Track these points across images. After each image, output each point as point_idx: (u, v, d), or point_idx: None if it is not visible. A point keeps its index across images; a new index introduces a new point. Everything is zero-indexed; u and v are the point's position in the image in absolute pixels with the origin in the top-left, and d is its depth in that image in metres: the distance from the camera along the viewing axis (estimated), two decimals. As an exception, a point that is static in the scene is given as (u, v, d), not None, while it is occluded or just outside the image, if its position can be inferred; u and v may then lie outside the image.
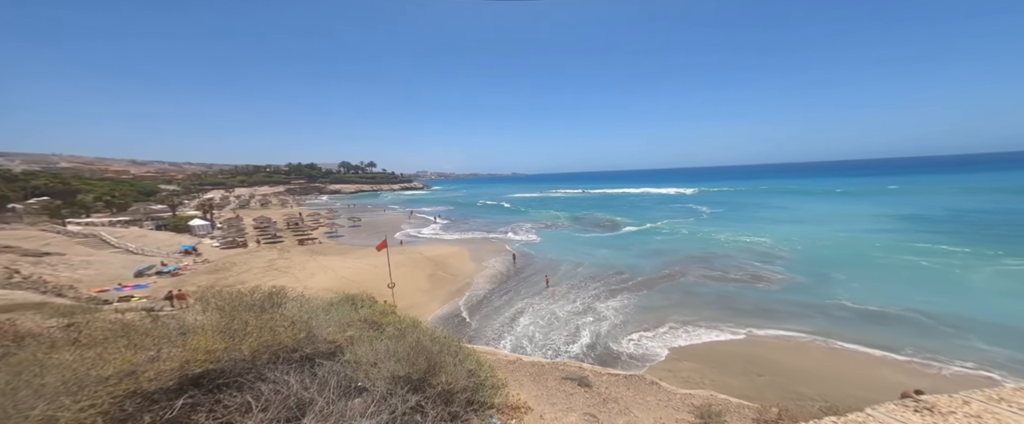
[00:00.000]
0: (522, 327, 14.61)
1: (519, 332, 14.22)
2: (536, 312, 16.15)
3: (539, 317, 15.54)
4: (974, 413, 1.26)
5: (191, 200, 79.26)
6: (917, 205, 43.14)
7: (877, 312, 14.63)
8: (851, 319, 14.22)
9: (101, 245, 31.11)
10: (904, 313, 14.37)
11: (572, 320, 14.89)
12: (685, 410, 6.16)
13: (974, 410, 1.28)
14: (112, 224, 43.65)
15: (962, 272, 18.56)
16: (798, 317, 14.46)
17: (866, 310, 14.88)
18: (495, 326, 14.95)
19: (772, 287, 18.26)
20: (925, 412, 1.29)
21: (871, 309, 14.93)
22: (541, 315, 15.75)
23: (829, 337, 12.63)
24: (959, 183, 67.29)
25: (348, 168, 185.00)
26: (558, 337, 13.49)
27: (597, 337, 13.26)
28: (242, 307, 5.07)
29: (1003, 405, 1.28)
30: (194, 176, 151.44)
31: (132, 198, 66.15)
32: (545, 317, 15.38)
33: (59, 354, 3.11)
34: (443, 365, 4.48)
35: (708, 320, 14.35)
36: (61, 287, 17.70)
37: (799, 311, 15.07)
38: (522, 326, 14.72)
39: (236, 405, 2.91)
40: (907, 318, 13.99)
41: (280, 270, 21.86)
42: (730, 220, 40.84)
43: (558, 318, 15.12)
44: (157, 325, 4.42)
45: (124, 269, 23.44)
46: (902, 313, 14.38)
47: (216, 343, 3.54)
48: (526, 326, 14.71)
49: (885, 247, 24.42)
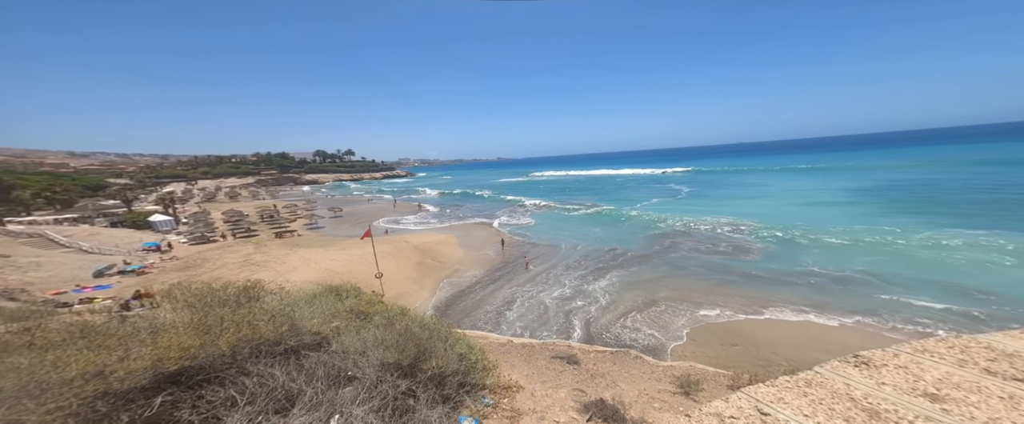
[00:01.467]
0: (514, 311, 14.87)
1: (511, 316, 14.49)
2: (526, 296, 16.44)
3: (530, 301, 15.82)
4: (902, 364, 1.43)
5: (148, 194, 73.58)
6: (867, 180, 46.76)
7: (833, 276, 16.15)
8: (815, 286, 15.50)
9: (49, 245, 28.54)
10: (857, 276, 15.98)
11: (562, 305, 15.23)
12: (667, 380, 6.56)
13: (902, 361, 1.45)
14: (58, 222, 40.00)
15: (903, 241, 20.51)
16: (766, 288, 15.59)
17: (824, 275, 16.40)
18: (486, 310, 15.14)
19: (748, 258, 19.64)
20: (863, 366, 1.45)
21: (827, 274, 16.48)
22: (531, 299, 16.04)
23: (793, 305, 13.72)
24: (936, 156, 72.20)
25: (324, 157, 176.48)
26: (552, 324, 13.76)
27: (587, 322, 13.66)
28: (215, 302, 4.85)
29: (926, 355, 1.46)
30: (148, 168, 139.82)
31: (77, 193, 60.48)
32: (536, 304, 15.58)
33: (13, 358, 2.88)
34: (433, 350, 4.51)
35: (692, 296, 15.20)
36: (11, 290, 16.24)
37: (764, 283, 16.22)
38: (514, 310, 14.98)
39: (220, 400, 2.82)
40: (860, 280, 15.58)
41: (258, 265, 20.91)
42: (708, 199, 42.74)
43: (546, 306, 15.35)
44: (124, 324, 4.16)
45: (80, 269, 21.71)
46: (856, 276, 15.98)
47: (190, 339, 3.38)
48: (517, 310, 14.99)
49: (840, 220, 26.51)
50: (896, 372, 1.36)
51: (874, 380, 1.34)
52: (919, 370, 1.36)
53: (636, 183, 68.34)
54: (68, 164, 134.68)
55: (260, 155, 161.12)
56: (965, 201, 28.94)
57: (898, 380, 1.32)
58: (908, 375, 1.35)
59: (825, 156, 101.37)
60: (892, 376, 1.35)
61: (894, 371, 1.36)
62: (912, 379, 1.32)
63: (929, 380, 1.31)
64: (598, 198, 49.90)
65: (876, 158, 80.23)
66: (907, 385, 1.29)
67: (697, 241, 23.99)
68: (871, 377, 1.36)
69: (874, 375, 1.36)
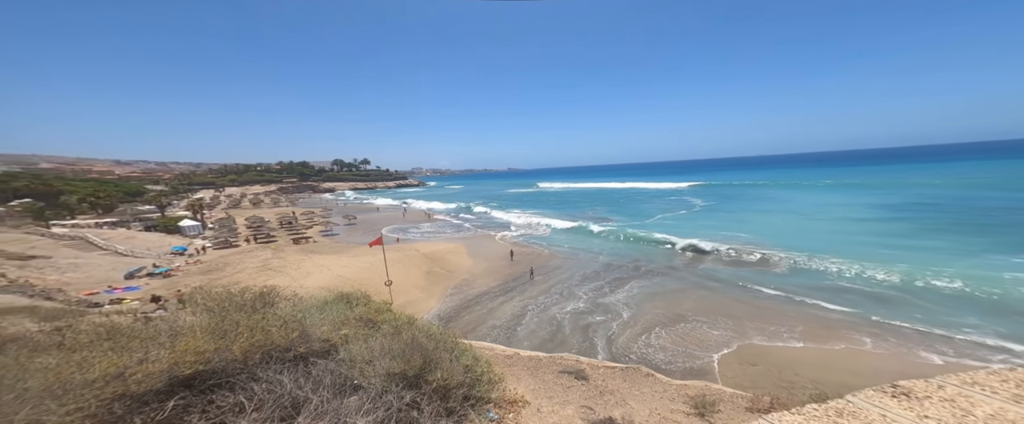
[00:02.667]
0: (524, 326, 14.62)
1: (521, 331, 14.25)
2: (538, 308, 16.22)
3: (541, 314, 15.57)
4: (949, 397, 1.28)
5: (180, 200, 77.79)
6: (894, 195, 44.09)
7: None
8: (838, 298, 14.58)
9: (88, 247, 30.45)
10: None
11: (577, 320, 14.74)
12: (680, 400, 6.26)
13: (949, 394, 1.31)
14: (99, 226, 42.70)
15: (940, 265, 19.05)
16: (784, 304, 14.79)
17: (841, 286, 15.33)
18: (495, 323, 14.99)
19: (772, 273, 18.71)
20: (902, 397, 1.32)
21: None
22: (543, 312, 15.79)
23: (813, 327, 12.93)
24: (971, 172, 67.54)
25: (342, 166, 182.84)
26: (569, 341, 13.36)
27: (608, 340, 13.13)
28: (232, 307, 5.00)
29: (976, 388, 1.31)
30: (182, 176, 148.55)
31: (118, 199, 64.70)
32: (548, 318, 15.23)
33: (42, 358, 3.04)
34: (439, 361, 4.48)
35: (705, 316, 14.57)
36: (49, 290, 17.34)
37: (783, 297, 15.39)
38: (524, 325, 14.72)
39: (229, 405, 2.88)
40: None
41: (275, 270, 21.60)
42: (725, 213, 41.34)
43: (558, 321, 14.90)
44: (147, 327, 4.34)
45: (114, 271, 23.00)
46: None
47: (206, 344, 3.48)
48: (528, 324, 14.74)
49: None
50: (941, 405, 1.25)
51: (915, 413, 1.23)
52: (968, 404, 1.24)
53: (648, 197, 66.66)
54: (113, 172, 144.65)
55: (283, 164, 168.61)
56: (1007, 224, 26.40)
57: (944, 415, 1.21)
58: (955, 409, 1.23)
59: (849, 170, 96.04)
60: (937, 410, 1.23)
61: (939, 404, 1.25)
62: (960, 414, 1.21)
63: (980, 416, 1.20)
64: (610, 211, 49.19)
65: (905, 173, 74.95)
66: (954, 420, 1.19)
67: (717, 257, 23.16)
68: (912, 409, 1.25)
69: (916, 407, 1.25)
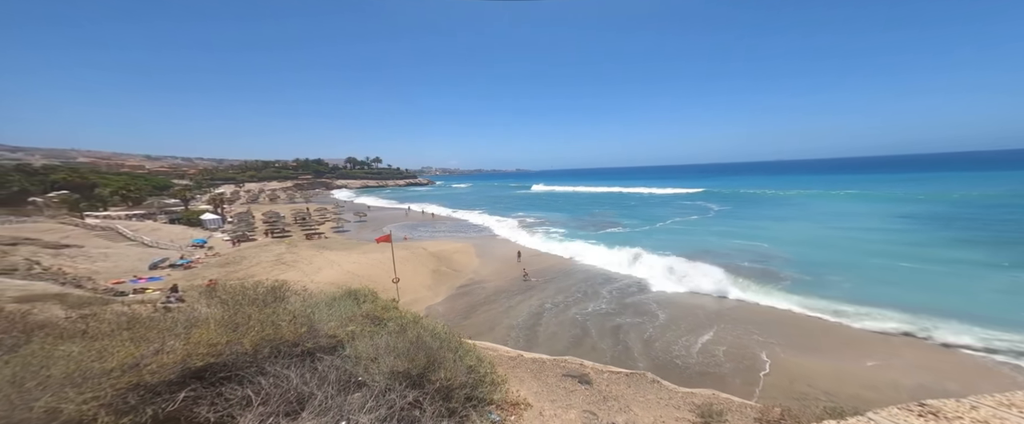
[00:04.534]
0: (542, 327, 14.45)
1: (540, 332, 14.07)
2: (545, 311, 16.14)
3: (551, 316, 15.47)
4: (982, 419, 1.18)
5: (203, 195, 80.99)
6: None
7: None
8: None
9: (118, 238, 32.04)
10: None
11: (604, 321, 14.40)
12: (686, 408, 6.12)
13: (982, 415, 1.19)
14: (128, 217, 44.87)
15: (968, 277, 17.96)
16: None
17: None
18: (505, 324, 14.95)
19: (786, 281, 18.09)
20: (930, 417, 1.20)
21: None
22: (560, 314, 15.62)
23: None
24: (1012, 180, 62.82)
25: (354, 164, 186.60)
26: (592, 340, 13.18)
27: (646, 342, 12.72)
28: (245, 300, 5.16)
29: (1013, 411, 1.19)
30: (206, 171, 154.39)
31: (147, 192, 67.82)
32: (567, 320, 14.96)
33: (66, 346, 3.20)
34: (443, 361, 4.50)
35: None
36: (79, 278, 18.32)
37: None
38: (542, 326, 14.57)
39: (237, 399, 2.96)
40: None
41: (288, 264, 22.22)
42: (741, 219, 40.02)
43: (577, 321, 14.63)
44: (165, 318, 4.51)
45: (139, 261, 24.13)
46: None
47: (218, 336, 3.59)
48: (546, 326, 14.59)
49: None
50: (975, 428, 1.12)
51: (945, 435, 1.12)
52: (1004, 428, 1.13)
53: (659, 202, 64.30)
54: (144, 166, 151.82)
55: (299, 161, 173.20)
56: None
57: (977, 437, 1.10)
58: (989, 432, 1.13)
59: (873, 178, 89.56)
60: (969, 432, 1.12)
61: (971, 426, 1.13)
62: (995, 438, 1.11)
63: (1017, 441, 1.10)
64: (620, 214, 48.42)
65: (937, 182, 67.58)
66: (988, 445, 1.07)
67: (733, 262, 22.47)
68: (941, 431, 1.13)
69: (945, 429, 1.14)
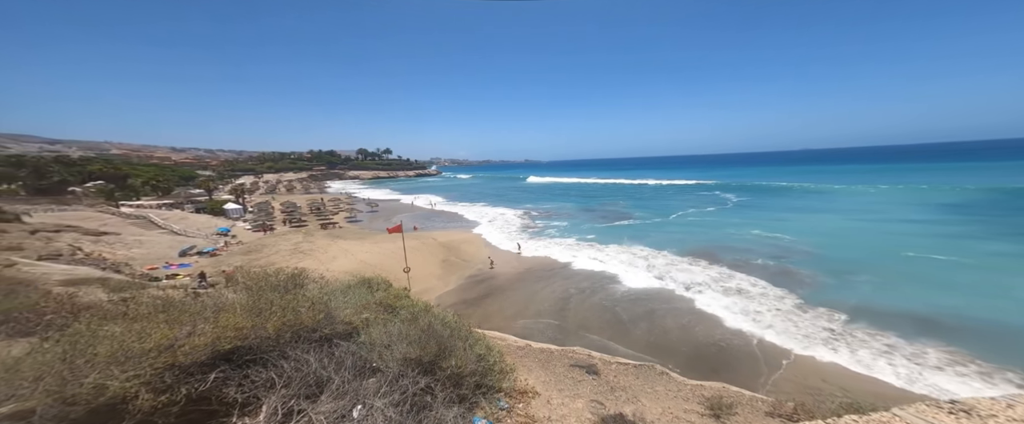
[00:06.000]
0: (532, 311, 14.84)
1: (527, 315, 14.45)
2: (545, 296, 16.31)
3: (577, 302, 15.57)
4: (1018, 417, 1.11)
5: (225, 185, 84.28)
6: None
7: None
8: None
9: (150, 226, 33.91)
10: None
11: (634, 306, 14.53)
12: (695, 401, 6.13)
13: (1019, 414, 1.12)
14: (159, 207, 47.30)
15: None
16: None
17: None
18: (513, 313, 15.25)
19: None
20: (962, 415, 1.16)
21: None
22: (586, 298, 15.74)
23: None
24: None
25: (365, 155, 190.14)
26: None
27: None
28: (268, 287, 5.42)
29: None
30: (227, 163, 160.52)
31: (174, 183, 71.23)
32: (595, 305, 15.14)
33: (110, 326, 3.47)
34: (453, 349, 4.64)
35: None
36: (118, 264, 19.57)
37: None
38: (532, 310, 14.95)
39: (262, 381, 3.16)
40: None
41: (304, 253, 23.06)
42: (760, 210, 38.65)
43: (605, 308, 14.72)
44: (196, 302, 4.81)
45: (170, 249, 25.55)
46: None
47: (244, 321, 3.82)
48: (536, 310, 14.94)
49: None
50: (1010, 427, 1.06)
51: (979, 433, 1.07)
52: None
53: (673, 192, 62.56)
54: (170, 158, 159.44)
55: (313, 152, 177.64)
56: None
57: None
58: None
59: (908, 167, 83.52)
60: (1004, 431, 1.06)
61: (1006, 424, 1.06)
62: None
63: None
64: (632, 205, 47.57)
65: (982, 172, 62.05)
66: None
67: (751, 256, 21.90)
68: (975, 429, 1.08)
69: (979, 427, 1.09)
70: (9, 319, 4.16)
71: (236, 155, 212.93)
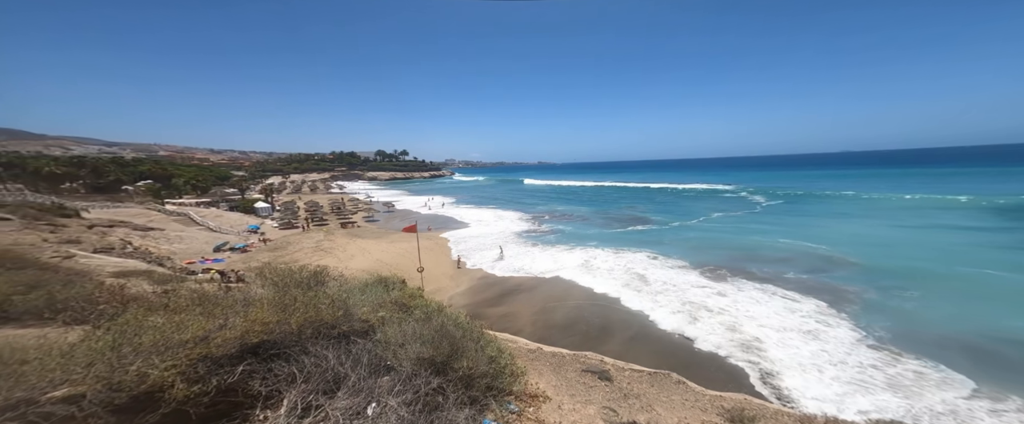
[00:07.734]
0: (545, 314, 14.75)
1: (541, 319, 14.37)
2: (560, 301, 16.17)
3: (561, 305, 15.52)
4: None
5: (256, 185, 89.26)
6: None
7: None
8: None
9: (190, 223, 36.44)
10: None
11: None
12: (714, 412, 5.90)
13: None
14: (197, 205, 50.77)
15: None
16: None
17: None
18: (520, 314, 15.26)
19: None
20: None
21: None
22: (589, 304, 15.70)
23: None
24: None
25: (383, 156, 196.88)
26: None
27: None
28: (292, 283, 5.71)
29: None
30: (258, 163, 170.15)
31: (211, 182, 76.18)
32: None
33: (153, 317, 3.77)
34: (465, 350, 4.70)
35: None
36: (162, 258, 21.17)
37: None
38: (546, 313, 14.87)
39: (284, 375, 3.33)
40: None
41: (325, 251, 24.02)
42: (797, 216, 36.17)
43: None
44: (227, 296, 5.13)
45: (206, 245, 27.34)
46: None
47: (271, 315, 4.04)
48: (550, 313, 14.84)
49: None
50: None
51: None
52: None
53: (694, 197, 58.61)
54: (209, 159, 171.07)
55: (335, 154, 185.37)
56: None
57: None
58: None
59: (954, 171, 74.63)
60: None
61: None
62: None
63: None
64: (650, 209, 45.97)
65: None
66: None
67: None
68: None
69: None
70: (67, 308, 4.61)
71: (266, 156, 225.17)
